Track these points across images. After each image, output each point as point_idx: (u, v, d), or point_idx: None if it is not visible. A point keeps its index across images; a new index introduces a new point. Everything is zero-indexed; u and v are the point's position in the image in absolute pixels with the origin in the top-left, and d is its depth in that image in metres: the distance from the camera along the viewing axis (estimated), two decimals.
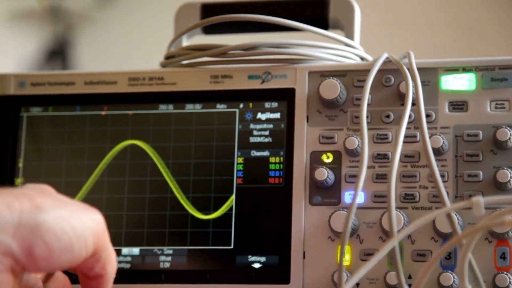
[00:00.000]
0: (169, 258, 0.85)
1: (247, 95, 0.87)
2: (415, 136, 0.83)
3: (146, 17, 2.27)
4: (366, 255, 0.82)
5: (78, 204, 0.59)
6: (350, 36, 0.92)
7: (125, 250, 0.86)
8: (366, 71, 0.84)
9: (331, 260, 0.82)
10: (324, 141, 0.85)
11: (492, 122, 0.82)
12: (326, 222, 0.83)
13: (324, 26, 0.93)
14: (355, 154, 0.84)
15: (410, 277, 0.80)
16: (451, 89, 0.84)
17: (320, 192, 0.84)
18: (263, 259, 0.84)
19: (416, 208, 0.82)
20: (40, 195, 0.56)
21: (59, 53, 2.31)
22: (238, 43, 0.87)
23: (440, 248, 0.80)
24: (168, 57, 0.92)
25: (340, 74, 0.86)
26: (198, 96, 0.88)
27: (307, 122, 0.86)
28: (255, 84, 0.87)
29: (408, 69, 0.82)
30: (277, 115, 0.87)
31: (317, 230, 0.83)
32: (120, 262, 0.86)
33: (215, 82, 0.88)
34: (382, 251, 0.64)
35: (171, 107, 0.89)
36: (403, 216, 0.80)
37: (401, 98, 0.84)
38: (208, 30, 0.96)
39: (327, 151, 0.85)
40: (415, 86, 0.81)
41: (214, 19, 0.90)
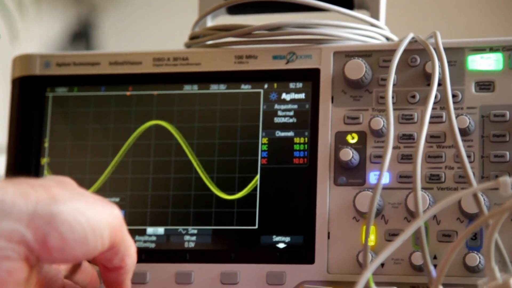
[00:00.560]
0: (193, 238, 0.86)
1: (271, 76, 0.87)
2: (441, 117, 0.83)
3: None
4: (391, 235, 0.81)
5: (96, 197, 0.59)
6: (376, 16, 0.92)
7: (150, 230, 0.86)
8: (392, 51, 0.84)
9: (356, 241, 0.82)
10: (349, 121, 0.85)
11: None
12: (350, 202, 0.82)
13: (350, 6, 0.93)
14: (380, 135, 0.84)
15: (435, 257, 0.80)
16: (478, 69, 0.83)
17: (345, 173, 0.84)
18: (287, 239, 0.84)
19: (442, 188, 0.81)
20: (58, 186, 0.57)
21: (82, 35, 2.32)
22: (262, 23, 0.87)
23: (466, 228, 0.79)
24: (192, 37, 0.92)
25: (365, 54, 0.85)
26: (223, 77, 0.88)
27: (332, 102, 0.85)
28: (280, 65, 0.87)
29: (434, 49, 0.82)
30: (301, 96, 0.87)
31: (341, 210, 0.83)
32: (145, 242, 0.86)
33: (240, 63, 0.88)
34: (407, 231, 0.64)
35: (195, 87, 0.89)
36: (428, 196, 0.80)
37: (427, 78, 0.84)
38: (233, 10, 0.96)
39: (352, 132, 0.85)
40: (442, 66, 0.81)
41: None
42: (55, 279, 0.63)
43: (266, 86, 0.87)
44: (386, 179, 0.82)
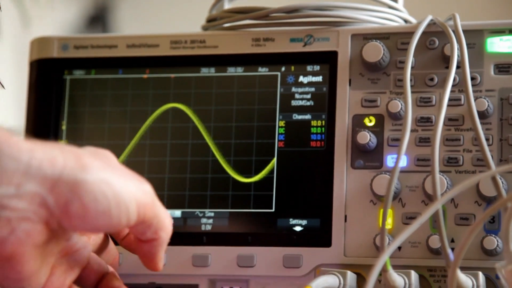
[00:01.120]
0: (210, 221, 0.86)
1: (289, 58, 0.87)
2: (459, 99, 0.82)
3: None
4: (408, 218, 0.81)
5: (129, 172, 0.59)
6: None
7: None
8: (410, 34, 0.83)
9: (373, 224, 0.82)
10: (367, 104, 0.84)
11: None
12: (368, 185, 0.82)
13: None
14: (397, 118, 0.83)
15: (453, 240, 0.80)
16: (497, 51, 0.82)
17: (362, 156, 0.83)
18: (304, 222, 0.84)
19: (460, 171, 0.81)
20: (91, 156, 0.56)
21: (99, 18, 2.32)
22: (280, 6, 0.87)
23: (483, 211, 0.79)
24: (209, 20, 0.92)
25: (383, 36, 0.85)
26: (240, 59, 0.88)
27: (350, 85, 0.85)
28: (297, 47, 0.87)
29: (453, 31, 0.81)
30: (319, 78, 0.86)
31: (358, 193, 0.83)
32: None
33: (257, 45, 0.88)
34: (425, 214, 0.64)
35: (212, 70, 0.89)
36: (446, 179, 0.80)
37: (445, 61, 0.83)
38: None
39: (369, 115, 0.84)
40: (460, 49, 0.80)
41: None
42: (82, 251, 0.63)
43: (283, 69, 0.87)
44: (403, 162, 0.82)
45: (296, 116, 0.86)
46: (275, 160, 0.86)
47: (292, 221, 0.84)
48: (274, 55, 0.87)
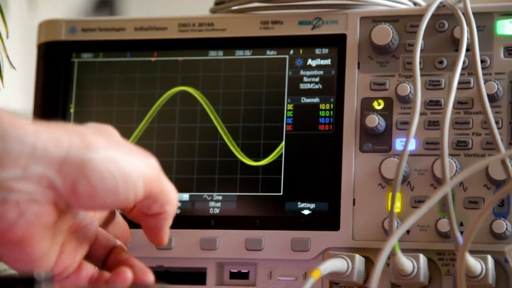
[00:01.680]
0: (218, 204, 0.86)
1: (297, 41, 0.87)
2: (469, 82, 0.82)
3: None
4: (417, 202, 0.81)
5: (134, 148, 0.59)
6: None
7: None
8: (419, 16, 0.83)
9: (381, 207, 0.82)
10: (375, 87, 0.84)
11: None
12: (376, 169, 0.82)
13: None
14: (406, 101, 0.83)
15: (461, 224, 0.80)
16: (507, 34, 0.82)
17: (370, 139, 0.83)
18: (312, 205, 0.84)
19: (469, 155, 0.81)
20: (95, 134, 0.56)
21: (106, 2, 2.32)
22: None
23: (493, 195, 0.79)
24: (217, 2, 0.92)
25: (392, 19, 0.85)
26: (248, 42, 0.88)
27: (358, 68, 0.85)
28: (306, 30, 0.87)
29: (463, 13, 0.81)
30: (327, 62, 0.86)
31: (367, 177, 0.83)
32: None
33: (265, 28, 0.87)
34: (434, 198, 0.64)
35: (221, 53, 0.88)
36: (455, 163, 0.80)
37: (454, 43, 0.83)
38: None
39: (378, 98, 0.84)
40: (470, 31, 0.80)
41: None
42: (90, 227, 0.63)
43: (291, 52, 0.87)
44: (412, 145, 0.82)
45: (305, 100, 0.86)
46: (283, 143, 0.85)
47: (300, 204, 0.84)
48: (283, 38, 0.87)
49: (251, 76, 0.87)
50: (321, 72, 0.86)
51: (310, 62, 0.86)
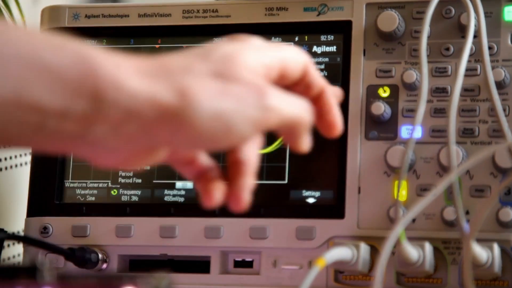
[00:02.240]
0: None
1: (302, 28, 0.86)
2: (476, 69, 0.81)
3: None
4: (423, 190, 0.81)
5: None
6: None
7: (179, 184, 0.86)
8: (426, 3, 0.82)
9: (387, 195, 0.81)
10: (381, 74, 0.83)
11: None
12: (382, 157, 0.81)
13: None
14: (412, 88, 0.82)
15: (467, 212, 0.79)
16: None
17: (376, 127, 0.83)
18: (317, 194, 0.83)
19: (475, 143, 0.80)
20: (206, 75, 0.52)
21: None
22: None
23: (499, 183, 0.78)
24: None
25: (398, 5, 0.84)
26: (253, 29, 0.87)
27: (364, 55, 0.84)
28: (311, 17, 0.86)
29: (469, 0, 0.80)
30: (333, 48, 0.85)
31: (372, 165, 0.82)
32: (174, 196, 0.86)
33: (270, 15, 0.87)
34: (440, 186, 0.63)
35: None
36: (461, 151, 0.79)
37: (461, 30, 0.82)
38: None
39: (384, 85, 0.83)
40: (477, 18, 0.79)
41: None
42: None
43: (296, 39, 0.86)
44: (418, 133, 0.81)
45: None
46: None
47: (305, 192, 0.84)
48: (288, 25, 0.86)
49: None
50: (326, 59, 0.85)
51: (315, 49, 0.86)
